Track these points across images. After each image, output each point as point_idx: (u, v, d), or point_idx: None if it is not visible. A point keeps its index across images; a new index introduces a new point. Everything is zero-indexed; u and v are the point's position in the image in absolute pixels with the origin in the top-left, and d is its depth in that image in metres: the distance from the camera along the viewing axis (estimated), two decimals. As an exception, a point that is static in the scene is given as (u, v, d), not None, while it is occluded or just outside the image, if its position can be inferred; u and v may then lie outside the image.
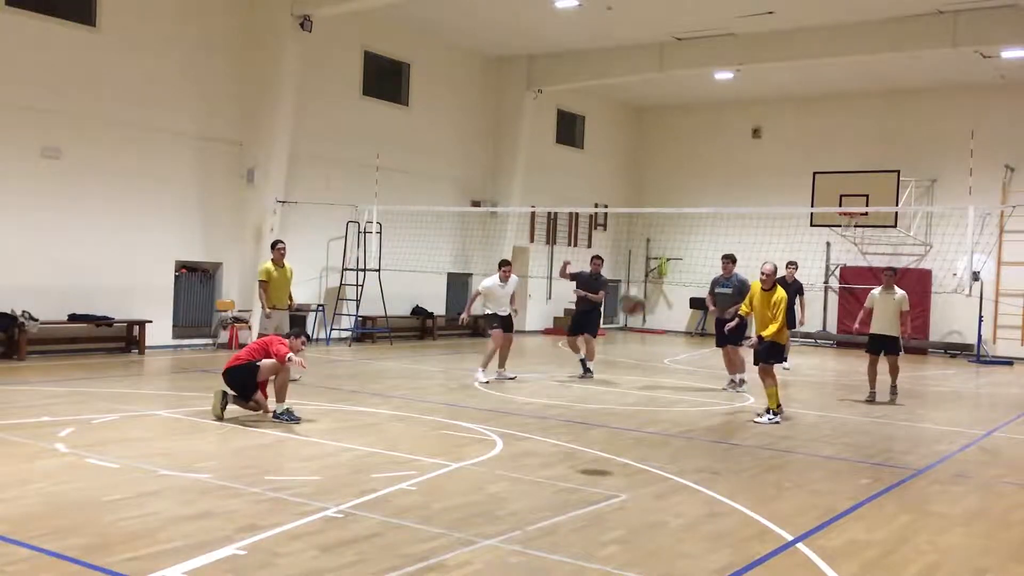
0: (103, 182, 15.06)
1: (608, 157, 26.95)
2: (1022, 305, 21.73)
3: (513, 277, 13.75)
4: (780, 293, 10.69)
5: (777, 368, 11.00)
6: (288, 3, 16.71)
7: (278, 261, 13.12)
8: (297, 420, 9.30)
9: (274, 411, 9.40)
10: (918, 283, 22.51)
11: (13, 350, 13.74)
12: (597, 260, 14.86)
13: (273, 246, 13.38)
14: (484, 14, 19.13)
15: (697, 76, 22.27)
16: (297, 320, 17.64)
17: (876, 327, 12.87)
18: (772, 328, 10.58)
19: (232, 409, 9.39)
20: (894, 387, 12.93)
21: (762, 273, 10.74)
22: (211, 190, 16.75)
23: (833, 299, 24.07)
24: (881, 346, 12.93)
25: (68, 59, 14.53)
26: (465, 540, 5.56)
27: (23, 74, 14.03)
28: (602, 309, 15.31)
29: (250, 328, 17.00)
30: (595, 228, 26.42)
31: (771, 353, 10.72)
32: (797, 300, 16.01)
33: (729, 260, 13.50)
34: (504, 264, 13.79)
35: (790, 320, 13.35)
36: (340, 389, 12.10)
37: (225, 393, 9.40)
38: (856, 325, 13.28)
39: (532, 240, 24.22)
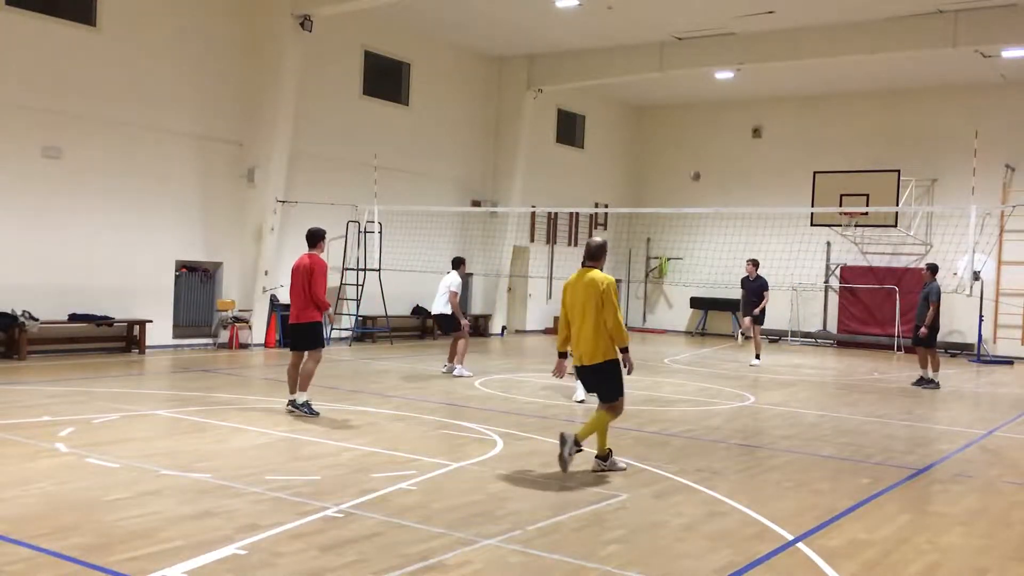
0: (103, 182, 15.06)
1: (608, 157, 26.95)
2: (1022, 305, 21.73)
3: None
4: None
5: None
6: (288, 3, 16.72)
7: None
8: (315, 414, 9.76)
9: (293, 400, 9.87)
10: (918, 283, 22.50)
11: (13, 350, 13.76)
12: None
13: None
14: (484, 14, 19.12)
15: (697, 76, 22.26)
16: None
17: None
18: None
19: (231, 409, 9.38)
20: None
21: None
22: (211, 190, 16.75)
23: (833, 299, 24.08)
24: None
25: (68, 59, 14.53)
26: (465, 540, 5.56)
27: (23, 74, 14.03)
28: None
29: (250, 328, 17.02)
30: (595, 228, 26.42)
31: None
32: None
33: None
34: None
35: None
36: (340, 389, 12.10)
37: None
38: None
39: (532, 240, 24.24)
